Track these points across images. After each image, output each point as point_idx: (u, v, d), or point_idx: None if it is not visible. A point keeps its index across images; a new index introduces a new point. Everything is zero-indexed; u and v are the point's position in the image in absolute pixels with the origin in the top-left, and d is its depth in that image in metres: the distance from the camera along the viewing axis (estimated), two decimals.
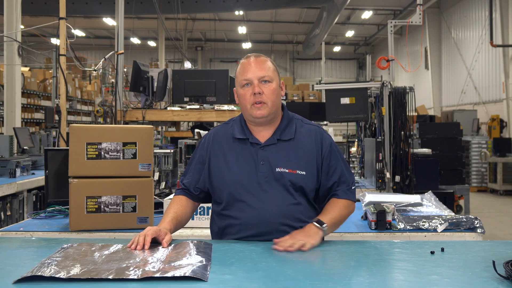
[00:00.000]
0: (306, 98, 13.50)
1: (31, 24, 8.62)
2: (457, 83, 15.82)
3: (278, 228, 1.97)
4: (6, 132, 7.52)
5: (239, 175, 2.00)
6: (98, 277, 1.44)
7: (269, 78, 2.01)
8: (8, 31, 7.40)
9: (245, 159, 2.02)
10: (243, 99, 2.03)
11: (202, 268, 1.53)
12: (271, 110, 2.02)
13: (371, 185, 5.37)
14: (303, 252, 1.78)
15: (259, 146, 2.03)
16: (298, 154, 2.02)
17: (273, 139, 2.04)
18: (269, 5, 13.96)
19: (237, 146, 2.06)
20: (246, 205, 1.98)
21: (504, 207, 9.80)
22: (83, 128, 2.44)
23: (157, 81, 5.13)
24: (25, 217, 4.64)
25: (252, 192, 1.98)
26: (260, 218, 1.97)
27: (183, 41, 20.69)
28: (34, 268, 1.52)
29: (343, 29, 20.76)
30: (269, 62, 2.06)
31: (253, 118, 2.03)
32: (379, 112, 5.50)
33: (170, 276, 1.44)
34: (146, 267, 1.54)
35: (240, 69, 2.06)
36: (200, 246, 1.79)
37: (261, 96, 1.99)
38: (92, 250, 1.77)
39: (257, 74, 2.00)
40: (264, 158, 2.01)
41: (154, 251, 1.75)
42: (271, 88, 2.01)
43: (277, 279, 1.48)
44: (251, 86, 2.00)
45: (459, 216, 2.46)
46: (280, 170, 1.99)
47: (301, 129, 2.09)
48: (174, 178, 4.03)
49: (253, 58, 2.05)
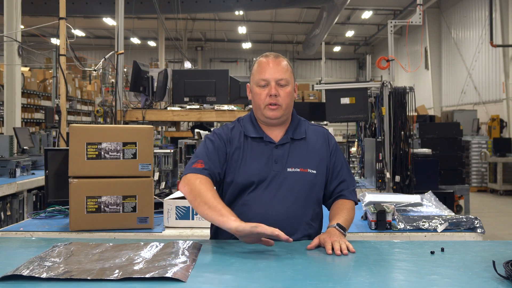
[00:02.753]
0: (306, 98, 13.51)
1: (31, 24, 8.62)
2: (457, 83, 15.82)
3: (284, 227, 1.97)
4: (6, 132, 7.52)
5: (253, 172, 2.01)
6: (78, 277, 1.44)
7: (286, 81, 2.03)
8: (8, 31, 7.40)
9: (260, 157, 2.03)
10: (258, 98, 2.04)
11: (184, 269, 1.52)
12: (285, 112, 2.04)
13: (371, 185, 5.36)
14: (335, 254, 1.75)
15: (273, 145, 2.05)
16: (309, 153, 2.06)
17: (287, 138, 2.07)
18: (269, 5, 13.96)
19: (251, 144, 2.06)
20: (254, 203, 1.99)
21: (504, 207, 9.80)
22: (83, 128, 2.44)
23: (157, 81, 5.13)
24: (25, 217, 4.64)
25: (263, 189, 2.00)
26: (264, 217, 1.97)
27: (183, 41, 20.69)
28: (20, 266, 1.52)
29: (343, 29, 20.75)
30: (286, 63, 2.07)
31: (265, 118, 2.05)
32: (379, 112, 5.50)
33: (148, 277, 1.44)
34: (128, 267, 1.53)
35: (258, 68, 2.05)
36: (187, 246, 1.79)
37: (276, 98, 2.01)
38: (82, 249, 1.77)
39: (275, 75, 2.01)
40: (278, 157, 2.03)
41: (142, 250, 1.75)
42: (287, 91, 2.03)
43: (277, 279, 1.48)
44: (267, 87, 2.02)
45: (459, 216, 2.46)
46: (292, 170, 2.01)
47: (308, 129, 2.13)
48: (174, 178, 4.03)
49: (272, 58, 2.05)
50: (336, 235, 1.84)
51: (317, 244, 1.83)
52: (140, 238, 2.33)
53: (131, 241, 2.01)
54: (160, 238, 2.39)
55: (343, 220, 1.95)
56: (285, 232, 1.94)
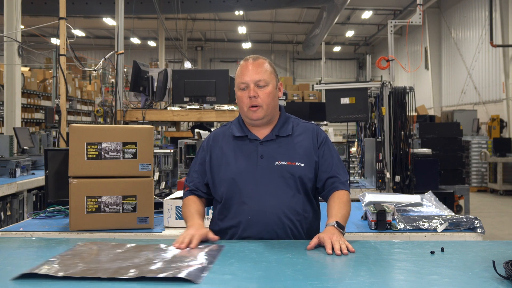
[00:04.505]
0: (306, 98, 13.51)
1: (31, 24, 8.62)
2: (457, 83, 15.82)
3: (277, 220, 2.01)
4: (6, 132, 7.52)
5: (239, 169, 2.06)
6: (93, 276, 1.45)
7: (265, 82, 2.08)
8: (8, 31, 7.40)
9: (245, 154, 2.09)
10: (241, 102, 2.11)
11: (198, 270, 1.53)
12: (266, 113, 2.09)
13: (371, 185, 5.36)
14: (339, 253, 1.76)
15: (258, 142, 2.10)
16: (296, 148, 2.10)
17: (272, 135, 2.12)
18: (269, 5, 13.96)
19: (236, 143, 2.13)
20: (246, 198, 2.03)
21: (504, 207, 9.80)
22: (83, 128, 2.44)
23: (157, 81, 5.13)
24: (25, 217, 4.64)
25: (252, 185, 2.03)
26: (260, 211, 2.01)
27: (183, 41, 20.69)
28: (39, 265, 1.55)
29: (343, 29, 20.75)
30: (266, 64, 2.12)
31: (249, 120, 2.11)
32: (379, 112, 5.50)
33: (162, 277, 1.44)
34: (144, 267, 1.54)
35: (239, 72, 2.13)
36: (208, 249, 1.81)
37: (256, 99, 2.07)
38: (104, 249, 1.79)
39: (253, 77, 2.07)
40: (264, 153, 2.08)
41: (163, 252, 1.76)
42: (266, 92, 2.08)
43: (277, 279, 1.48)
44: (247, 90, 2.08)
45: (459, 216, 2.45)
46: (280, 163, 2.06)
47: (297, 127, 2.18)
48: (174, 178, 4.03)
49: (251, 61, 2.12)
50: (336, 235, 1.85)
51: (317, 243, 1.84)
52: (140, 238, 2.33)
53: (132, 241, 2.01)
54: (160, 238, 2.39)
55: (341, 216, 1.98)
56: (279, 223, 1.99)
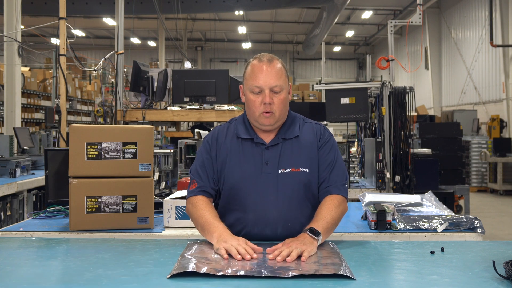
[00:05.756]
0: (306, 98, 13.52)
1: (31, 24, 8.62)
2: (457, 83, 15.82)
3: (281, 229, 1.98)
4: (6, 132, 7.52)
5: (244, 175, 2.00)
6: (252, 274, 1.50)
7: (280, 87, 1.98)
8: (8, 31, 7.40)
9: (250, 159, 2.02)
10: (252, 105, 1.99)
11: (348, 267, 1.59)
12: (278, 119, 2.01)
13: (371, 185, 5.36)
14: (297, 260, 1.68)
15: (264, 147, 2.03)
16: (301, 151, 2.03)
17: (278, 139, 2.04)
18: (269, 5, 13.96)
19: (241, 146, 2.05)
20: (249, 205, 1.99)
21: (504, 207, 9.80)
22: (83, 128, 2.44)
23: (157, 81, 5.13)
24: (25, 217, 4.64)
25: (256, 192, 1.98)
26: (262, 218, 1.97)
27: (183, 41, 20.69)
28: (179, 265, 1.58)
29: (343, 29, 20.75)
30: (281, 67, 2.01)
31: (259, 125, 2.02)
32: (379, 112, 5.50)
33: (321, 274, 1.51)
34: (299, 267, 1.59)
35: (251, 72, 2.00)
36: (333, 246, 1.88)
37: (270, 106, 1.97)
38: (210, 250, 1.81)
39: (268, 82, 1.96)
40: (269, 159, 2.00)
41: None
42: (281, 98, 1.99)
43: (277, 279, 1.48)
44: (261, 94, 1.97)
45: (459, 216, 2.45)
46: (283, 171, 1.99)
47: (303, 127, 2.10)
48: (174, 178, 4.03)
49: (266, 62, 1.99)
50: (298, 242, 1.75)
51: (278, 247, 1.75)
52: (140, 238, 2.33)
53: (131, 241, 2.01)
54: (160, 238, 2.39)
55: (322, 223, 1.88)
56: (283, 234, 1.94)
